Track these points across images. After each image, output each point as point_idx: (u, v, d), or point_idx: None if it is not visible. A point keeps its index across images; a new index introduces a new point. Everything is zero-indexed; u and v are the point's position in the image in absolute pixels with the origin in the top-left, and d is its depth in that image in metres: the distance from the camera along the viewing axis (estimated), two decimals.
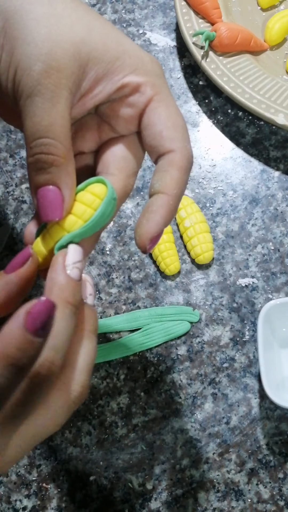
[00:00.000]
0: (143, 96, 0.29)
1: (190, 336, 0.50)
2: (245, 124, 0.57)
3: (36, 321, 0.24)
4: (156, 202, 0.29)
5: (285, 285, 0.52)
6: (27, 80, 0.26)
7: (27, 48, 0.27)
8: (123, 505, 0.47)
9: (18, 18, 0.27)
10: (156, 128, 0.29)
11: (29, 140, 0.27)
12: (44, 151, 0.27)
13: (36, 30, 0.27)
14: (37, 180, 0.28)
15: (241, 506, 0.47)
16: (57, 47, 0.27)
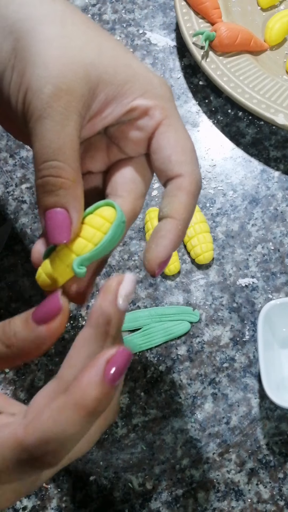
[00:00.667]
0: (152, 120, 0.30)
1: (190, 336, 0.50)
2: (245, 124, 0.57)
3: (115, 373, 0.24)
4: (165, 227, 0.29)
5: (285, 285, 0.52)
6: (37, 102, 0.27)
7: (38, 70, 0.27)
8: (123, 505, 0.47)
9: (30, 39, 0.27)
10: (165, 152, 0.29)
11: (38, 162, 0.27)
12: (53, 173, 0.27)
13: (47, 52, 0.27)
14: (45, 202, 0.28)
15: (241, 506, 0.47)
16: (67, 70, 0.27)
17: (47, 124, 0.27)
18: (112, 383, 0.24)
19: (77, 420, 0.24)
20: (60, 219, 0.28)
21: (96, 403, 0.24)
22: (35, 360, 0.50)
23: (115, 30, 0.60)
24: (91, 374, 0.24)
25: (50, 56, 0.27)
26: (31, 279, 0.51)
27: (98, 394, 0.24)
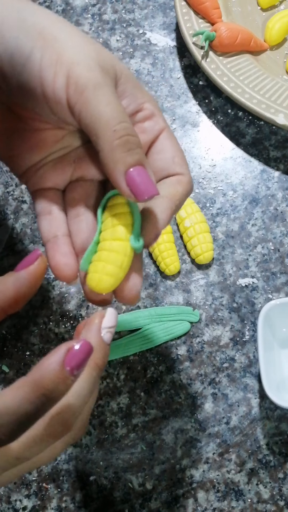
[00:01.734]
0: (158, 125, 0.32)
1: (190, 336, 0.50)
2: (245, 124, 0.57)
3: (74, 360, 0.26)
4: (161, 205, 0.31)
5: (285, 285, 0.52)
6: (90, 74, 0.29)
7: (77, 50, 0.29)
8: (123, 505, 0.47)
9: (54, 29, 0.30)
10: (169, 153, 0.32)
11: (112, 123, 0.28)
12: (130, 133, 0.29)
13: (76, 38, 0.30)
14: (129, 160, 0.29)
15: (241, 506, 0.47)
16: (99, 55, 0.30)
17: (109, 91, 0.29)
18: (70, 368, 0.26)
19: (32, 398, 0.26)
20: (146, 175, 0.29)
21: (53, 385, 0.26)
22: (35, 360, 0.50)
23: (115, 30, 0.60)
24: (51, 359, 0.26)
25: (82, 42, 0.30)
26: None
27: (55, 376, 0.26)
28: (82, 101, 0.29)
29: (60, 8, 0.61)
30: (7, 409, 0.26)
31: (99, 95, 0.29)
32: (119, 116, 0.29)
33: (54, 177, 0.34)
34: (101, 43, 0.60)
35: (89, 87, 0.28)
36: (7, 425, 0.26)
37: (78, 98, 0.29)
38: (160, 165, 0.32)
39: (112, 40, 0.60)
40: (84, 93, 0.29)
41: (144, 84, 0.58)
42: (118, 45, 0.60)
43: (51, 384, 0.26)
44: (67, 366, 0.26)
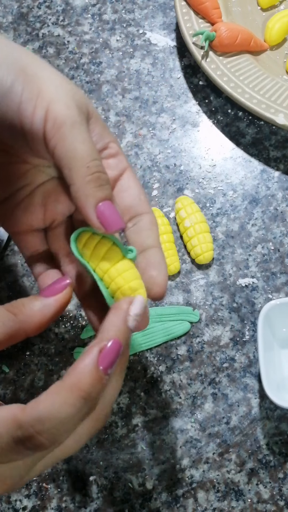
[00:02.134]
0: (121, 163, 0.35)
1: (190, 336, 0.50)
2: (245, 124, 0.57)
3: (107, 359, 0.28)
4: (156, 256, 0.34)
5: (285, 285, 0.52)
6: (68, 112, 0.30)
7: (56, 88, 0.31)
8: (123, 505, 0.47)
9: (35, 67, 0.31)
10: (134, 191, 0.34)
11: (85, 160, 0.30)
12: (101, 170, 0.31)
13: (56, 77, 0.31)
14: (99, 194, 0.31)
15: (241, 506, 0.47)
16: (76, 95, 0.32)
17: (84, 130, 0.31)
18: (104, 369, 0.28)
19: (72, 402, 0.27)
20: (114, 209, 0.31)
21: (90, 387, 0.27)
22: (35, 360, 0.50)
23: (115, 30, 0.60)
24: (86, 361, 0.28)
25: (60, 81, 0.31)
26: (31, 279, 0.51)
27: (92, 378, 0.27)
28: (59, 136, 0.30)
29: (60, 8, 0.61)
30: (48, 415, 0.27)
31: (76, 133, 0.30)
32: (93, 154, 0.30)
33: (28, 220, 0.36)
34: (101, 43, 0.60)
35: (67, 123, 0.30)
36: (48, 431, 0.27)
37: (55, 133, 0.30)
38: (128, 202, 0.34)
39: (112, 40, 0.60)
40: (62, 129, 0.30)
41: (144, 84, 0.58)
42: (118, 45, 0.60)
43: (89, 386, 0.27)
44: (100, 366, 0.27)
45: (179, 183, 0.55)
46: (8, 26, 0.61)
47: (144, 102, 0.58)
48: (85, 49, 0.60)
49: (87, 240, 0.33)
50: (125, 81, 0.59)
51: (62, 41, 0.60)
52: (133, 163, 0.55)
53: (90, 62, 0.59)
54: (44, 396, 0.28)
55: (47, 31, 0.61)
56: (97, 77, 0.59)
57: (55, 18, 0.61)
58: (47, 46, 0.60)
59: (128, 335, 0.31)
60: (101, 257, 0.33)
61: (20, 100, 0.31)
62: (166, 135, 0.57)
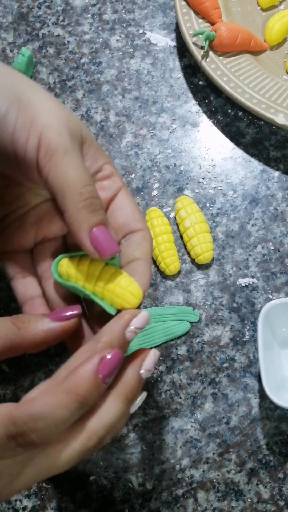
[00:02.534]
0: (116, 183, 0.35)
1: (190, 336, 0.50)
2: (245, 124, 0.57)
3: (107, 368, 0.28)
4: (141, 266, 0.34)
5: (285, 285, 0.52)
6: (60, 139, 0.31)
7: (49, 115, 0.31)
8: (123, 505, 0.47)
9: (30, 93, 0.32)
10: (129, 210, 0.35)
11: (78, 186, 0.31)
12: (94, 196, 0.31)
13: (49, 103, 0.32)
14: (93, 220, 0.31)
15: (241, 506, 0.47)
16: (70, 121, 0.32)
17: (76, 156, 0.31)
18: (103, 377, 0.28)
19: (68, 405, 0.28)
20: (109, 234, 0.31)
21: (87, 392, 0.28)
22: (35, 360, 0.50)
23: (115, 30, 0.60)
24: (86, 367, 0.28)
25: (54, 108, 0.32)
26: None
27: (90, 384, 0.28)
28: (51, 163, 0.31)
29: (60, 8, 0.61)
30: (42, 414, 0.27)
31: (68, 160, 0.31)
32: (85, 180, 0.31)
33: (19, 239, 0.36)
34: (101, 43, 0.60)
35: (59, 151, 0.31)
36: (41, 430, 0.28)
37: (48, 161, 0.31)
38: (122, 220, 0.35)
39: (112, 40, 0.60)
40: (54, 156, 0.31)
41: (144, 84, 0.58)
42: (118, 45, 0.60)
43: (86, 392, 0.28)
44: (100, 374, 0.28)
45: (179, 183, 0.55)
46: (8, 26, 0.61)
47: (144, 102, 0.58)
48: (85, 49, 0.60)
49: (68, 265, 0.34)
50: (125, 81, 0.59)
51: (62, 41, 0.60)
52: (133, 163, 0.55)
53: (90, 62, 0.59)
54: (40, 396, 0.28)
55: (47, 31, 0.61)
56: (97, 77, 0.59)
57: (55, 18, 0.61)
58: (47, 46, 0.60)
59: (125, 345, 0.31)
60: (86, 273, 0.33)
61: (14, 128, 0.31)
62: (166, 135, 0.57)
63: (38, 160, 0.31)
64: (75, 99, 0.58)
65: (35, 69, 0.59)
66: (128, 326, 0.31)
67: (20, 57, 0.56)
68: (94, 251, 0.31)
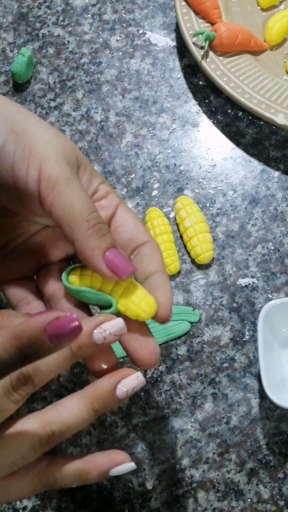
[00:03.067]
0: (113, 201, 0.35)
1: (190, 336, 0.50)
2: (245, 124, 0.57)
3: (57, 330, 0.26)
4: (161, 278, 0.34)
5: (285, 285, 0.52)
6: (60, 169, 0.31)
7: (46, 144, 0.32)
8: (123, 505, 0.47)
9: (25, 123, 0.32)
10: (131, 224, 0.35)
11: (84, 214, 0.31)
12: (101, 221, 0.32)
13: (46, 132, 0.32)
14: (104, 244, 0.32)
15: (241, 506, 0.47)
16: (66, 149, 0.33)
17: (77, 184, 0.32)
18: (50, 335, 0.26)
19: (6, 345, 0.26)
20: (122, 256, 0.32)
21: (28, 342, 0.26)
22: None
23: (115, 30, 0.60)
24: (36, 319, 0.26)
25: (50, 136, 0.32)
26: None
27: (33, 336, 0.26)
28: (54, 194, 0.31)
29: (60, 8, 0.61)
30: None
31: (70, 189, 0.31)
32: (90, 207, 0.31)
33: (20, 267, 0.36)
34: (101, 43, 0.60)
35: (61, 181, 0.31)
36: None
37: (50, 192, 0.31)
38: (126, 236, 0.35)
39: (112, 40, 0.60)
40: (57, 187, 0.31)
41: (144, 84, 0.58)
42: (118, 45, 0.60)
43: (27, 341, 0.26)
44: (48, 332, 0.26)
45: (179, 183, 0.55)
46: (8, 26, 0.61)
47: (144, 102, 0.58)
48: (85, 49, 0.60)
49: (81, 273, 0.34)
50: (125, 81, 0.59)
51: (62, 41, 0.60)
52: (133, 163, 0.55)
53: (90, 62, 0.59)
54: None
55: (47, 31, 0.61)
56: (97, 77, 0.59)
57: (55, 18, 0.61)
58: (47, 46, 0.60)
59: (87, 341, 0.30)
60: (101, 280, 0.33)
61: (13, 160, 0.31)
62: (166, 135, 0.57)
63: (40, 191, 0.31)
64: (75, 99, 0.58)
65: (35, 69, 0.59)
66: (98, 327, 0.31)
67: (20, 57, 0.56)
68: (112, 275, 0.31)
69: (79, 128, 0.57)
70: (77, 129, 0.57)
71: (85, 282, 0.33)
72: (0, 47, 0.60)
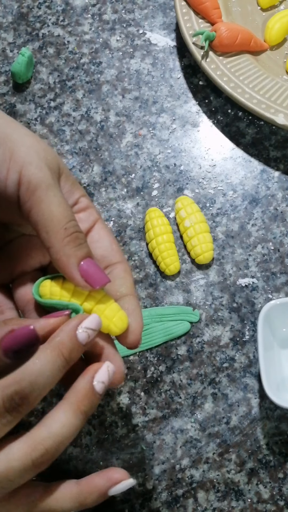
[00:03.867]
0: (92, 216, 0.35)
1: (190, 336, 0.50)
2: (245, 124, 0.57)
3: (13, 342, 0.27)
4: (131, 303, 0.34)
5: (285, 285, 0.52)
6: (40, 174, 0.31)
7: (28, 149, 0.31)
8: (123, 505, 0.47)
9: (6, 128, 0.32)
10: (106, 242, 0.35)
11: (62, 222, 0.31)
12: (78, 230, 0.32)
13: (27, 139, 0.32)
14: (80, 253, 0.32)
15: (241, 506, 0.47)
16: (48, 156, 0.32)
17: (58, 192, 0.31)
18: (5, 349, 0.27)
19: None
20: (97, 266, 0.32)
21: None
22: None
23: (115, 30, 0.60)
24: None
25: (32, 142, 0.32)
26: None
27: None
28: (34, 199, 0.31)
29: (60, 8, 0.61)
30: None
31: (51, 195, 0.31)
32: (68, 215, 0.31)
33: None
34: (101, 43, 0.60)
35: (41, 187, 0.31)
36: None
37: (30, 197, 0.31)
38: (100, 253, 0.35)
39: (112, 40, 0.60)
40: (37, 192, 0.31)
41: (144, 84, 0.58)
42: (118, 45, 0.60)
43: None
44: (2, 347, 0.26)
45: (179, 183, 0.55)
46: (8, 26, 0.61)
47: (144, 102, 0.58)
48: (85, 49, 0.60)
49: (51, 283, 0.33)
50: (125, 81, 0.59)
51: (62, 41, 0.60)
52: (133, 163, 0.55)
53: (90, 62, 0.59)
54: None
55: (47, 31, 0.61)
56: (97, 77, 0.59)
57: (55, 18, 0.61)
58: (47, 46, 0.60)
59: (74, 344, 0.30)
60: (73, 291, 0.33)
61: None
62: (166, 135, 0.57)
63: (19, 195, 0.31)
64: (75, 99, 0.58)
65: (35, 69, 0.59)
66: (79, 326, 0.31)
67: (20, 57, 0.56)
68: (85, 284, 0.31)
69: (79, 128, 0.57)
70: (77, 129, 0.57)
71: (55, 294, 0.33)
72: (0, 47, 0.60)
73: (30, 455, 0.29)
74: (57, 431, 0.30)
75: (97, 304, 0.33)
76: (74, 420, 0.30)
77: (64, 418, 0.30)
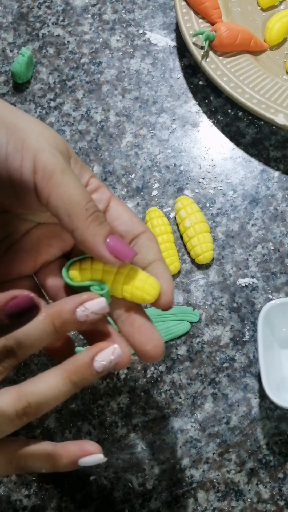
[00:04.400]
0: (104, 195, 0.36)
1: (190, 336, 0.50)
2: (245, 124, 0.57)
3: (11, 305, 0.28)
4: (160, 267, 0.35)
5: (285, 285, 0.52)
6: (55, 160, 0.31)
7: (38, 137, 0.32)
8: (123, 505, 0.47)
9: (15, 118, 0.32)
10: (125, 217, 0.36)
11: (82, 204, 0.31)
12: (98, 209, 0.32)
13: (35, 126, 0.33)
14: (104, 231, 0.32)
15: (241, 506, 0.47)
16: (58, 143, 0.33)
17: (73, 175, 0.32)
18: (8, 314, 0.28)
19: None
20: (121, 241, 0.33)
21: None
22: (35, 360, 0.50)
23: (115, 30, 0.60)
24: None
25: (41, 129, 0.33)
26: None
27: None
28: (51, 185, 0.31)
29: (60, 8, 0.61)
30: None
31: (67, 179, 0.31)
32: (87, 197, 0.32)
33: (17, 268, 0.36)
34: (101, 43, 0.60)
35: (57, 172, 0.31)
36: None
37: (47, 183, 0.31)
38: (123, 228, 0.35)
39: (112, 40, 0.60)
40: (53, 178, 0.31)
41: (144, 84, 0.58)
42: (118, 45, 0.60)
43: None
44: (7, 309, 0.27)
45: (179, 183, 0.55)
46: (8, 26, 0.61)
47: (144, 102, 0.58)
48: (85, 49, 0.60)
49: (80, 267, 0.34)
50: (125, 81, 0.59)
51: (62, 41, 0.60)
52: (133, 163, 0.55)
53: (90, 62, 0.59)
54: None
55: (47, 31, 0.61)
56: (97, 77, 0.59)
57: (55, 18, 0.61)
58: (47, 46, 0.60)
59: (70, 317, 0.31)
60: (102, 270, 0.34)
61: (6, 152, 0.31)
62: (166, 135, 0.57)
63: (35, 182, 0.32)
64: (75, 99, 0.58)
65: (35, 69, 0.59)
66: (81, 305, 0.31)
67: (20, 57, 0.56)
68: (115, 260, 0.32)
69: (79, 128, 0.57)
70: (77, 129, 0.57)
71: (85, 276, 0.34)
72: (0, 47, 0.60)
73: (14, 405, 0.31)
74: (42, 391, 0.31)
75: (126, 278, 0.33)
76: (61, 386, 0.31)
77: (52, 381, 0.31)
